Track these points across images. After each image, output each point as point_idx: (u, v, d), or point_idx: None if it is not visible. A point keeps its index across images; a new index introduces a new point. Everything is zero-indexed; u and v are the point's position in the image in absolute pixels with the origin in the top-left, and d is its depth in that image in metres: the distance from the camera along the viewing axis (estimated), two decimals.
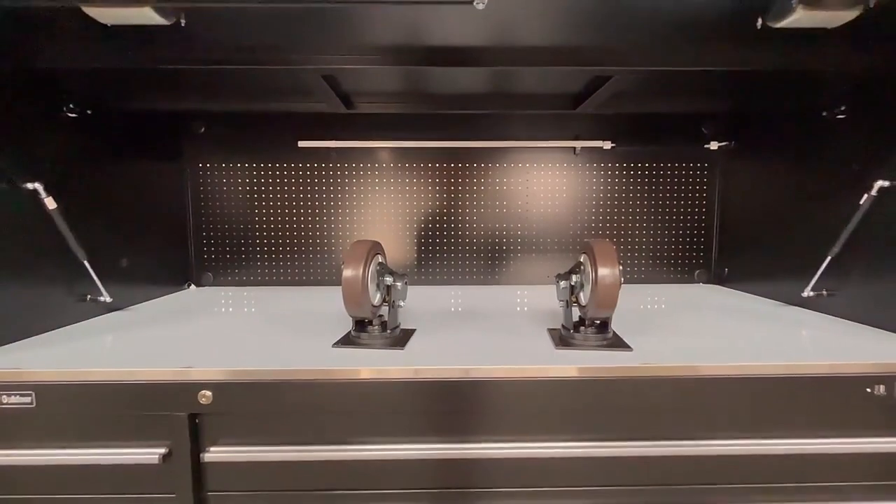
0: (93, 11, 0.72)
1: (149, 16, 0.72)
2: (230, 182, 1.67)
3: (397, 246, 1.70)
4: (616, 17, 0.81)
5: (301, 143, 1.63)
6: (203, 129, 1.64)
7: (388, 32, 0.91)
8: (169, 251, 1.61)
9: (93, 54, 0.91)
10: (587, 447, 0.85)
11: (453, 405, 0.84)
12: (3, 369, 0.84)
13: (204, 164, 1.67)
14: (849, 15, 0.75)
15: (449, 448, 0.85)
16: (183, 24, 0.76)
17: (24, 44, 0.92)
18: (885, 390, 0.86)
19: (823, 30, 0.82)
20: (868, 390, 0.86)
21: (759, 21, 0.77)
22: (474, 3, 0.72)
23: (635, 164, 1.69)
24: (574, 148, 1.67)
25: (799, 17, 0.73)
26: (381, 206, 1.69)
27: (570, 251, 1.70)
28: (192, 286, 1.69)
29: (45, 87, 1.10)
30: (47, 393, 0.82)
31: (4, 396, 0.82)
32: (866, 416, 0.87)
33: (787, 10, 0.73)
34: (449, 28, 0.88)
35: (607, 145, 1.65)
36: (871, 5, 0.72)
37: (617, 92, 1.20)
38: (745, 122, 1.57)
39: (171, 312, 1.32)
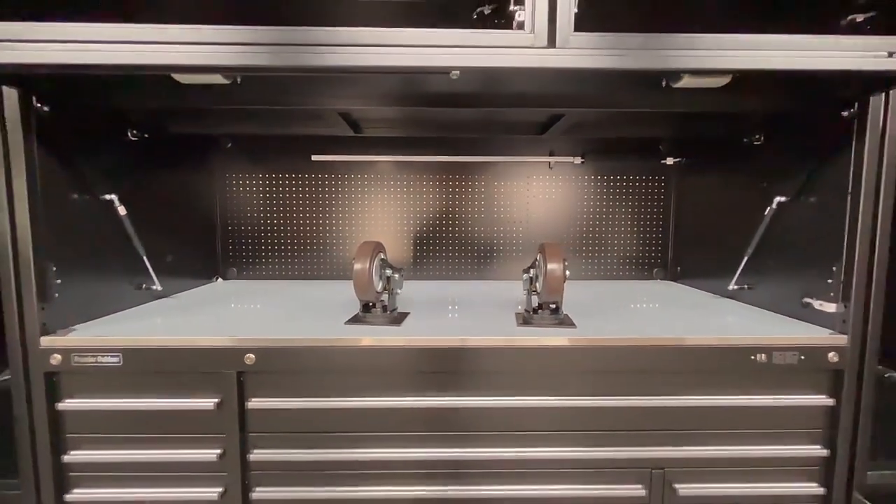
0: (179, 77, 0.99)
1: (218, 79, 0.99)
2: (252, 190, 1.94)
3: (396, 245, 1.96)
4: (566, 73, 1.07)
5: (314, 157, 1.90)
6: (229, 145, 1.91)
7: (393, 84, 1.19)
8: (200, 249, 1.88)
9: (165, 100, 1.18)
10: (537, 401, 1.12)
11: (436, 367, 1.11)
12: (97, 336, 1.11)
13: (230, 175, 1.94)
14: (723, 80, 1.02)
15: (432, 399, 1.12)
16: (239, 82, 1.03)
17: (117, 93, 1.20)
18: (765, 358, 1.13)
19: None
20: (752, 357, 1.13)
21: (664, 82, 1.04)
22: (450, 75, 0.99)
23: (602, 177, 1.96)
24: (549, 162, 1.93)
25: (688, 82, 1.00)
26: (381, 212, 1.96)
27: None
28: (220, 279, 1.96)
29: (115, 117, 1.37)
30: (130, 355, 1.10)
31: (99, 357, 1.09)
32: (752, 378, 1.14)
33: (678, 79, 1.00)
34: (438, 82, 1.16)
35: (577, 160, 1.92)
36: (735, 75, 0.99)
37: (576, 123, 1.47)
38: (695, 142, 1.84)
39: (208, 299, 1.60)
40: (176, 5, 1.12)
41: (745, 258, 1.44)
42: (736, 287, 1.50)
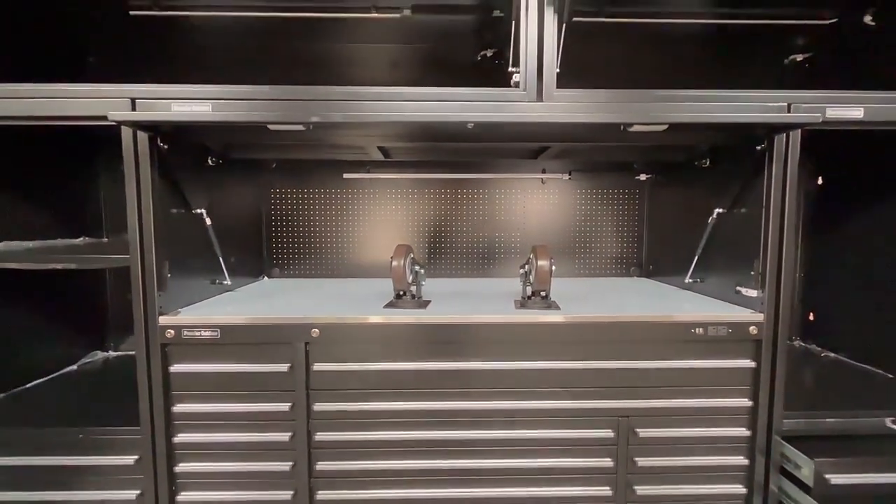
0: (273, 126, 1.37)
1: (299, 128, 1.36)
2: (292, 202, 2.31)
3: (416, 248, 2.33)
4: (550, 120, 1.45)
5: (345, 175, 2.28)
6: (274, 166, 2.29)
7: (420, 127, 1.56)
8: (250, 252, 2.25)
9: (245, 137, 1.56)
10: (529, 365, 1.49)
11: (453, 339, 1.48)
12: (200, 316, 1.48)
13: (274, 190, 2.31)
14: (662, 126, 1.40)
15: (450, 364, 1.49)
16: (311, 128, 1.41)
17: (216, 134, 1.57)
18: (703, 331, 1.49)
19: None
20: (693, 331, 1.49)
21: (622, 126, 1.42)
22: (467, 125, 1.37)
23: (587, 191, 2.33)
24: (541, 179, 2.31)
25: (637, 128, 1.38)
26: (401, 220, 2.33)
27: None
28: (266, 277, 2.33)
29: (202, 148, 1.75)
30: (226, 330, 1.46)
31: (203, 332, 1.46)
32: (694, 346, 1.51)
33: (631, 126, 1.38)
34: (454, 126, 1.53)
35: (566, 177, 2.30)
36: (670, 123, 1.37)
37: (561, 150, 1.85)
38: (661, 163, 2.22)
39: (265, 292, 1.96)
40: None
41: (696, 258, 1.82)
42: (690, 280, 1.88)
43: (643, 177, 2.30)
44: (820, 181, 2.19)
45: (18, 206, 1.81)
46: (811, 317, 2.24)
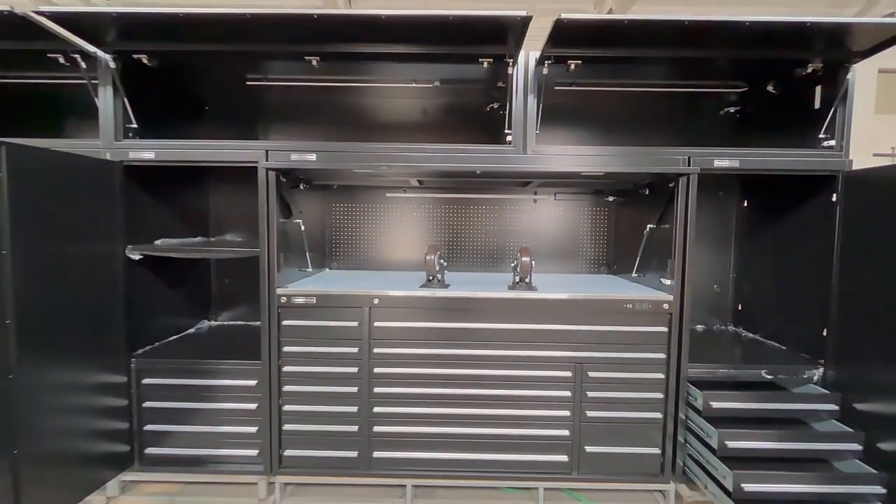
0: (357, 169, 2.18)
1: (370, 171, 2.18)
2: (347, 214, 3.12)
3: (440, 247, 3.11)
4: (532, 165, 2.23)
5: (388, 195, 3.08)
6: (335, 187, 3.10)
7: (444, 170, 2.36)
8: (318, 249, 3.06)
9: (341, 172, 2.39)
10: (515, 326, 2.25)
11: (463, 308, 2.26)
12: (302, 289, 2.29)
13: (335, 205, 3.12)
14: (602, 171, 2.17)
15: (463, 325, 2.26)
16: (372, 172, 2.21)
17: (314, 172, 2.40)
18: (633, 306, 2.24)
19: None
20: (626, 306, 2.24)
21: (579, 171, 2.19)
22: (476, 171, 2.15)
23: (568, 207, 3.09)
24: (533, 199, 3.07)
25: (586, 172, 2.15)
26: (430, 227, 3.11)
27: None
28: (328, 269, 3.14)
29: (296, 177, 2.57)
30: (320, 298, 2.26)
31: (302, 298, 2.26)
32: (627, 316, 2.25)
33: (580, 172, 2.15)
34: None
35: (552, 198, 3.06)
36: (606, 172, 2.14)
37: (544, 181, 2.62)
38: (621, 190, 2.96)
39: (334, 278, 2.76)
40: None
41: (637, 259, 2.57)
42: (636, 275, 2.62)
43: (610, 198, 3.05)
44: (745, 204, 2.92)
45: (166, 214, 2.66)
46: (740, 307, 2.96)
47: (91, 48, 2.16)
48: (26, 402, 1.75)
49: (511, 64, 2.22)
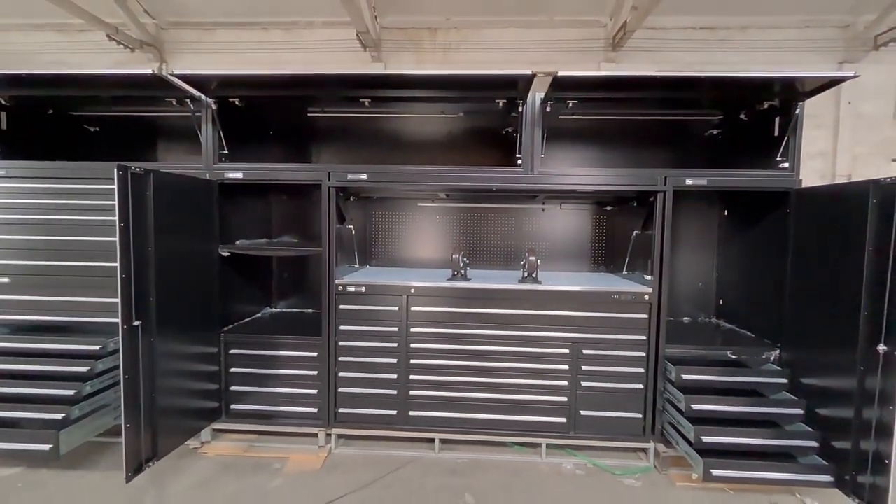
0: (400, 187, 2.79)
1: (410, 187, 2.77)
2: (385, 220, 3.72)
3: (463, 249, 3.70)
4: (538, 183, 2.79)
5: (419, 204, 3.68)
6: (376, 198, 3.72)
7: (466, 186, 2.94)
8: (361, 250, 3.68)
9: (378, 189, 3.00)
10: (523, 311, 2.81)
11: (482, 297, 2.83)
12: (354, 280, 2.90)
13: (374, 213, 3.73)
14: (594, 188, 2.71)
15: (481, 310, 2.83)
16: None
17: (363, 188, 3.02)
18: (619, 297, 2.77)
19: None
20: (614, 297, 2.78)
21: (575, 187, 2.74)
22: (493, 188, 2.72)
23: (573, 215, 3.63)
24: (542, 208, 3.62)
25: (581, 189, 2.69)
26: (454, 231, 3.69)
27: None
28: (369, 266, 3.75)
29: (347, 191, 3.20)
30: (369, 287, 2.87)
31: (354, 287, 2.88)
32: (615, 305, 2.79)
33: (578, 188, 2.70)
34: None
35: (558, 207, 3.60)
36: (598, 189, 2.68)
37: (549, 195, 3.17)
38: (616, 200, 3.49)
39: (376, 272, 3.37)
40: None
41: (627, 259, 3.09)
42: (626, 273, 3.15)
43: (607, 208, 3.58)
44: (726, 213, 3.41)
45: (241, 220, 3.32)
46: (721, 302, 3.45)
47: (198, 93, 2.83)
48: (160, 361, 2.40)
49: (521, 104, 2.79)
